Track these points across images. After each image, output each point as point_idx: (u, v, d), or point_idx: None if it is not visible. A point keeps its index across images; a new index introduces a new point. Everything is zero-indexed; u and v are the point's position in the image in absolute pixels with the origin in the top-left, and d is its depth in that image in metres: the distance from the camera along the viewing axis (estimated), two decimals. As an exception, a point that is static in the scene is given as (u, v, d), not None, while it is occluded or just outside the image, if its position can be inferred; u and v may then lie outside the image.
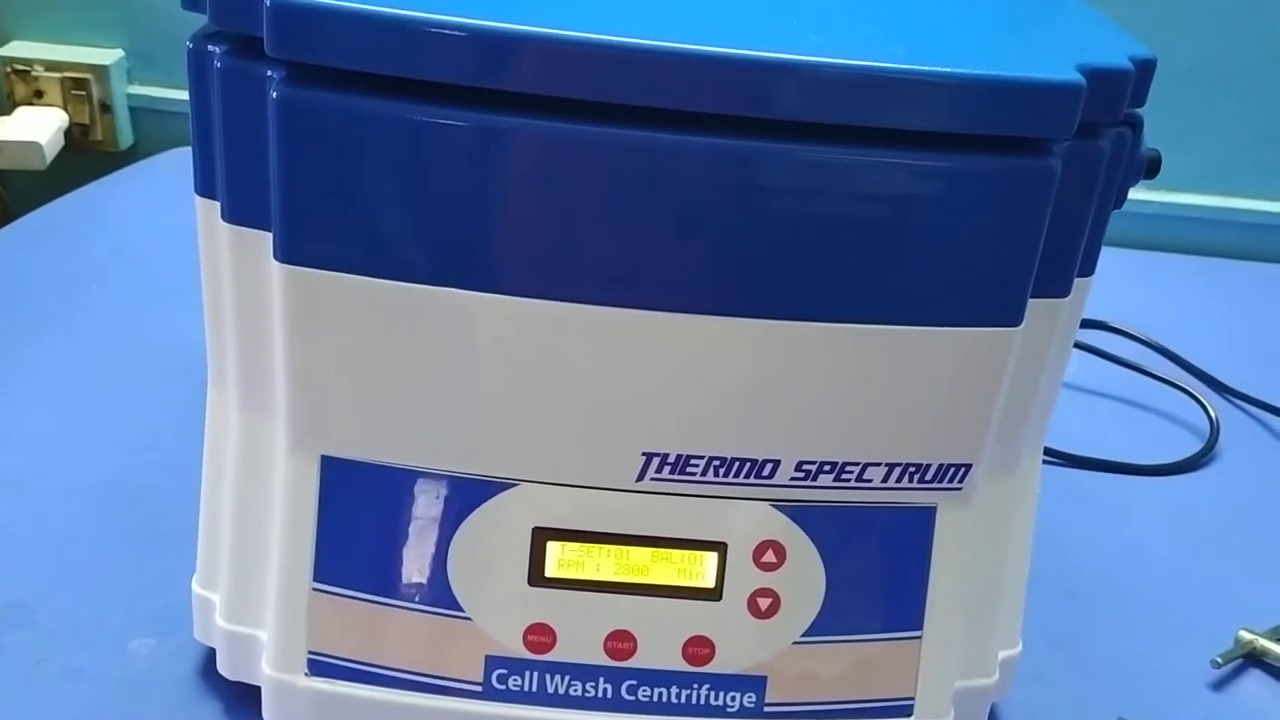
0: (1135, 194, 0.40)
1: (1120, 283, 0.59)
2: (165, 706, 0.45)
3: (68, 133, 0.93)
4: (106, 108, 0.93)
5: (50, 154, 0.89)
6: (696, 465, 0.39)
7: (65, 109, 0.93)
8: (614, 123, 0.34)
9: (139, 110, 0.95)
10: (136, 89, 0.95)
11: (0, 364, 0.65)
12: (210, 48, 0.36)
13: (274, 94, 0.35)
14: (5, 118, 0.91)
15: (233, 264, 0.39)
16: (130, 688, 0.45)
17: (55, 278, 0.73)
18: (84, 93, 0.92)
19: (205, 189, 0.39)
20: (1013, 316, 0.38)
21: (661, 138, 0.34)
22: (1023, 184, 0.36)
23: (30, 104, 0.93)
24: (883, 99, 0.34)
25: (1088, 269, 0.40)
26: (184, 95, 0.38)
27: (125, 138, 0.95)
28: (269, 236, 0.37)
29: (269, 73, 0.35)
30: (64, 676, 0.46)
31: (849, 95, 0.34)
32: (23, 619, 0.48)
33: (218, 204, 0.38)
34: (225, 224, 0.38)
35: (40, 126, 0.89)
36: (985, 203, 0.36)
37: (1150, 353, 0.74)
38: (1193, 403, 0.70)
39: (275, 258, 0.37)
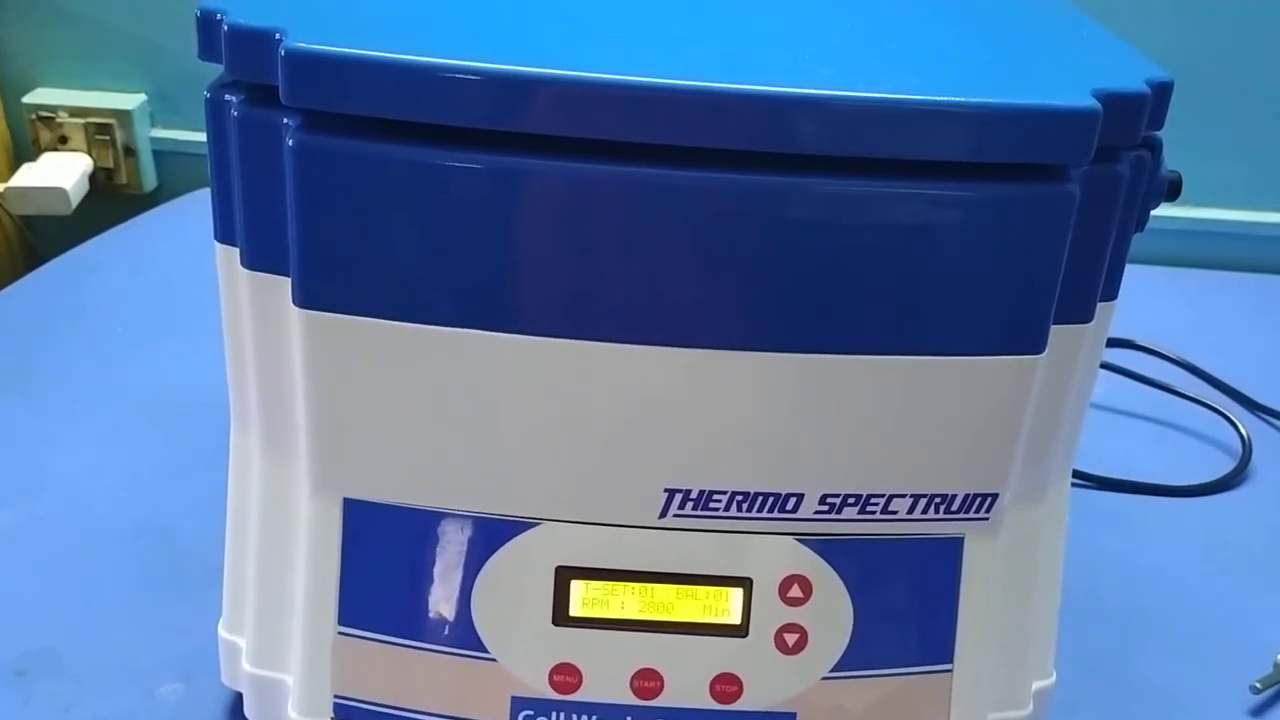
0: (1158, 209, 0.40)
1: (1146, 300, 0.58)
2: (194, 752, 0.45)
3: (92, 177, 0.94)
4: (130, 151, 0.94)
5: (75, 199, 0.90)
6: (719, 500, 0.39)
7: (90, 154, 0.94)
8: (633, 161, 0.34)
9: (162, 153, 0.96)
10: (160, 132, 0.96)
11: (27, 407, 0.65)
12: (227, 97, 0.37)
13: (290, 141, 0.35)
14: (30, 164, 0.92)
15: (252, 309, 0.39)
16: (159, 733, 0.45)
17: (82, 321, 0.74)
18: (108, 137, 0.93)
19: (225, 235, 0.39)
20: (1035, 344, 0.37)
21: (680, 175, 0.34)
22: (1041, 211, 0.35)
23: (55, 150, 0.94)
24: (899, 130, 0.34)
25: (1110, 293, 0.40)
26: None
27: (149, 181, 0.96)
28: (288, 282, 0.37)
29: (285, 120, 0.35)
30: (93, 723, 0.46)
31: (865, 127, 0.34)
32: (51, 665, 0.48)
33: (237, 250, 0.38)
34: (245, 270, 0.38)
35: (65, 172, 0.90)
36: (1004, 230, 0.35)
37: (1179, 370, 0.73)
38: (1223, 421, 0.69)
39: (294, 303, 0.37)
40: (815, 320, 0.36)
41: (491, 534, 0.39)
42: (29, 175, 0.90)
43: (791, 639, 0.40)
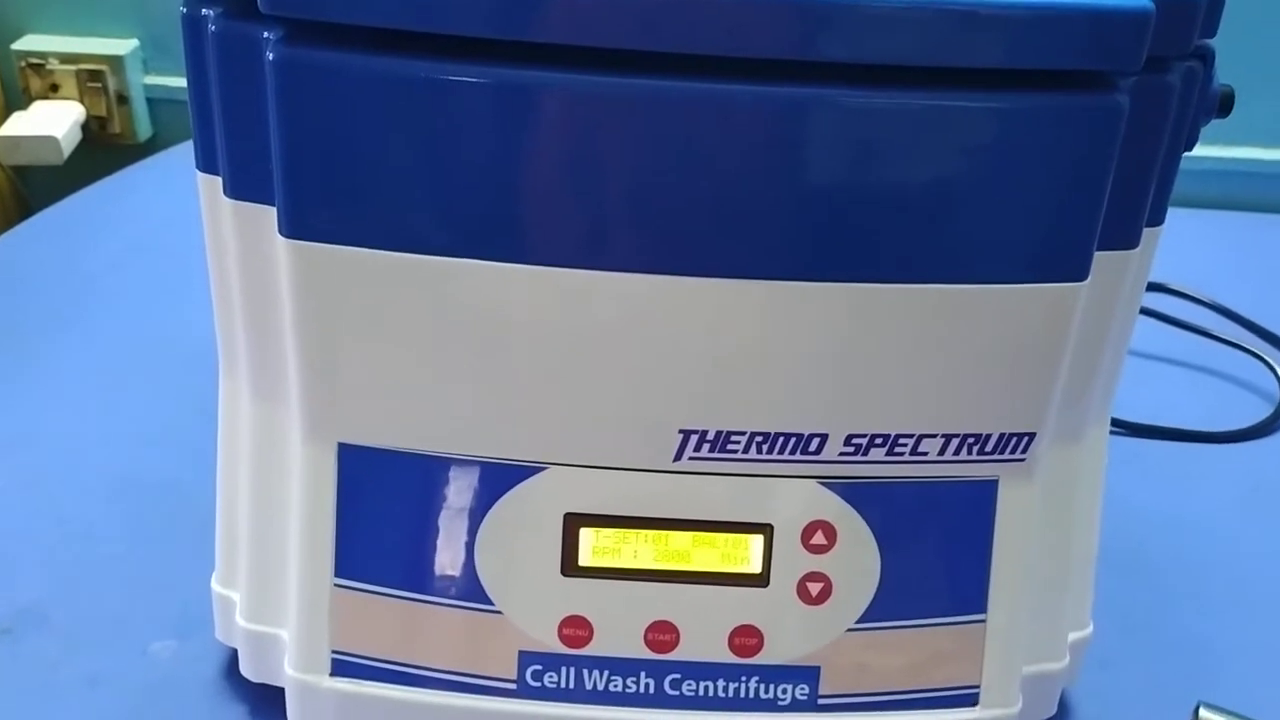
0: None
1: (1176, 243, 0.56)
2: (187, 711, 0.43)
3: (85, 126, 0.92)
4: (123, 99, 0.92)
5: (67, 148, 0.89)
6: (738, 442, 0.37)
7: (81, 102, 0.92)
8: (647, 73, 0.32)
9: (156, 101, 0.94)
10: (153, 79, 0.94)
11: (16, 360, 0.64)
12: (204, 11, 0.34)
13: (270, 55, 0.32)
14: (21, 113, 0.90)
15: (238, 242, 0.37)
16: (151, 692, 0.44)
17: (73, 273, 0.72)
18: (100, 85, 0.91)
19: (206, 164, 0.37)
20: (1078, 270, 0.35)
21: (697, 88, 0.32)
22: (1089, 123, 0.33)
23: (46, 98, 0.92)
24: (933, 34, 0.31)
25: (1157, 217, 0.38)
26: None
27: (144, 129, 0.94)
28: (274, 211, 0.35)
29: (265, 33, 0.33)
30: (82, 682, 0.44)
31: (897, 32, 0.31)
32: (39, 622, 0.47)
33: (219, 179, 0.36)
34: (228, 200, 0.36)
35: (56, 121, 0.89)
36: (1048, 145, 0.33)
37: (1213, 315, 0.71)
38: (1261, 365, 0.67)
39: (280, 233, 0.35)
40: (841, 246, 0.34)
41: (495, 480, 0.37)
42: (19, 124, 0.88)
43: (815, 589, 0.38)
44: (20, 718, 0.43)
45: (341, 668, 0.39)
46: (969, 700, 0.39)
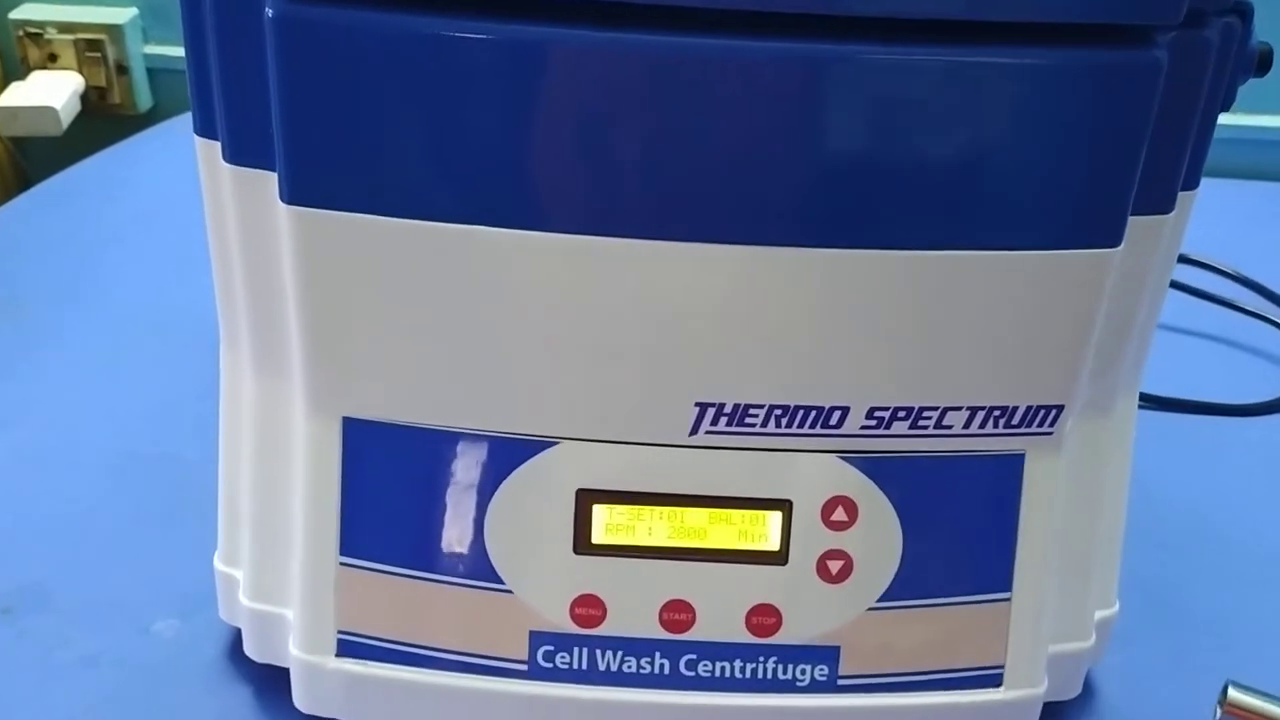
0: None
1: (1199, 214, 0.55)
2: (190, 692, 0.42)
3: (84, 97, 0.91)
4: (123, 69, 0.91)
5: (66, 119, 0.87)
6: (756, 415, 0.35)
7: (80, 72, 0.90)
8: (663, 29, 0.30)
9: (157, 71, 0.93)
10: (153, 49, 0.92)
11: (15, 333, 0.63)
12: (201, -36, 0.33)
13: (270, 11, 0.31)
14: (19, 83, 0.89)
15: (238, 210, 0.36)
16: (153, 672, 0.43)
17: (73, 245, 0.71)
18: (99, 55, 0.90)
19: (205, 128, 0.36)
20: (1111, 236, 0.34)
21: (717, 44, 0.30)
22: (1126, 80, 0.31)
23: (44, 68, 0.91)
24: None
25: (1191, 181, 0.36)
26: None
27: (144, 100, 0.93)
28: (274, 177, 0.34)
29: (264, -12, 0.31)
30: (83, 662, 0.43)
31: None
32: (39, 601, 0.46)
33: (218, 144, 0.35)
34: (227, 165, 0.35)
35: (55, 91, 0.87)
36: (1084, 103, 0.31)
37: (1236, 286, 0.69)
38: (1285, 337, 0.66)
39: (281, 199, 0.33)
40: (864, 210, 0.33)
41: (506, 454, 0.36)
42: (17, 94, 0.87)
43: (835, 566, 0.37)
44: (20, 699, 0.42)
45: (347, 648, 0.38)
46: (993, 681, 0.38)
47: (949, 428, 0.36)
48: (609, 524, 0.37)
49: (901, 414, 0.36)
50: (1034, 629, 0.38)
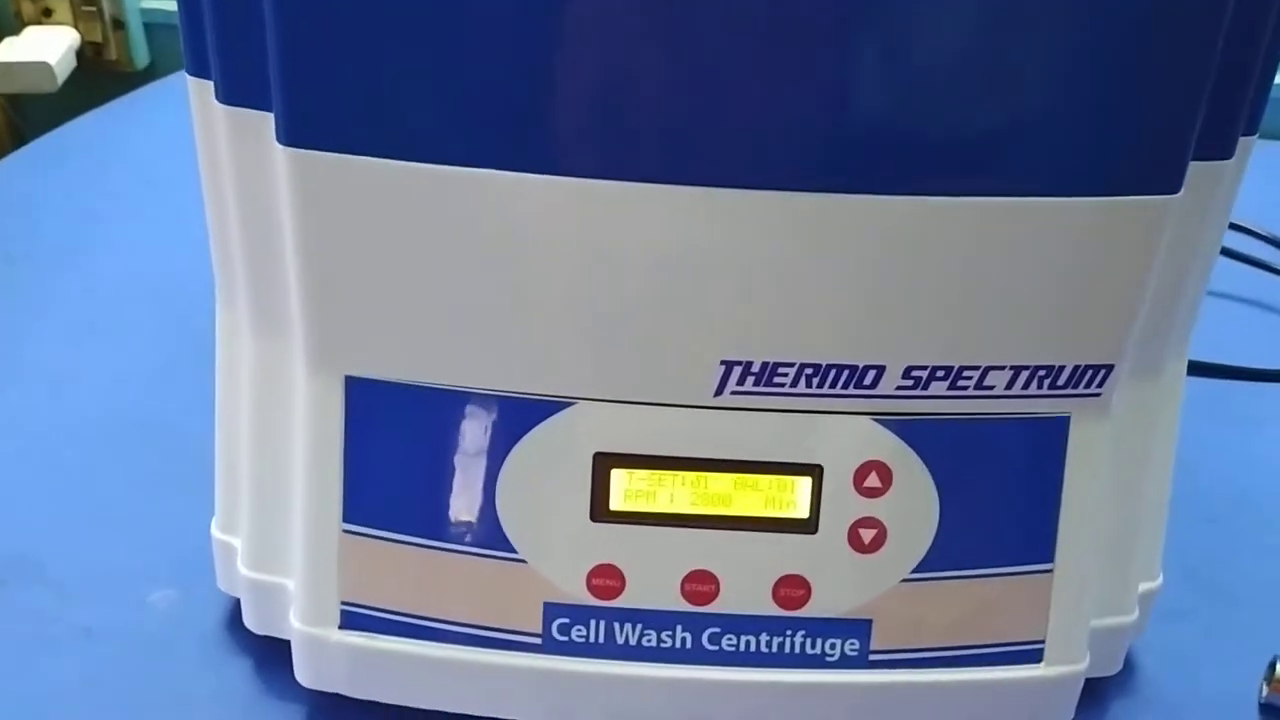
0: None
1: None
2: (188, 665, 0.41)
3: (80, 52, 0.90)
4: (119, 24, 0.90)
5: (61, 75, 0.87)
6: (785, 375, 0.34)
7: (76, 27, 0.90)
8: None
9: (154, 26, 0.92)
10: (151, 3, 0.91)
11: (8, 296, 0.61)
12: (190, -112, 0.31)
13: (264, -65, 0.29)
14: (13, 38, 0.88)
15: (233, 154, 0.34)
16: (150, 645, 0.41)
17: (68, 205, 0.70)
18: (95, 9, 0.89)
19: (197, 67, 0.34)
20: (1171, 181, 0.31)
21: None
22: (1191, 8, 0.29)
23: (39, 23, 0.90)
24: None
25: (1252, 125, 0.34)
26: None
27: (141, 57, 0.92)
28: (271, 118, 0.32)
29: (258, -88, 0.29)
30: (78, 634, 0.42)
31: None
32: (32, 573, 0.44)
33: (211, 84, 0.33)
34: (221, 106, 0.33)
35: (50, 46, 0.86)
36: (1144, 32, 0.29)
37: (1273, 249, 0.67)
38: (1326, 300, 0.64)
39: (279, 141, 0.32)
40: (901, 152, 0.31)
41: (518, 416, 0.35)
42: (11, 50, 0.86)
43: (867, 535, 0.35)
44: (15, 671, 0.40)
45: (351, 620, 0.36)
46: (1033, 656, 0.36)
47: (990, 388, 0.34)
48: (628, 490, 0.35)
49: (940, 373, 0.34)
50: (1077, 602, 0.36)
